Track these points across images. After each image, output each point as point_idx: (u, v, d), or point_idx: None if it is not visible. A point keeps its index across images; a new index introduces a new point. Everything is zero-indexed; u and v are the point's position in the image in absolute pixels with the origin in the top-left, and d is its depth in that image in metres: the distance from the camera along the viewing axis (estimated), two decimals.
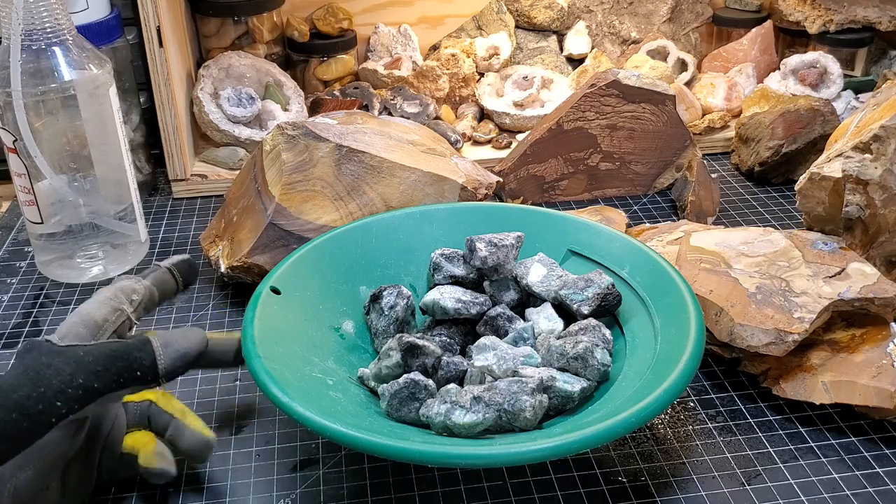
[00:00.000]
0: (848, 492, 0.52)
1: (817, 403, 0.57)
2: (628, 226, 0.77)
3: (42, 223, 0.74)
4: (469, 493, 0.52)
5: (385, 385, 0.51)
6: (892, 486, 0.52)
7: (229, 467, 0.54)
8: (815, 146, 0.89)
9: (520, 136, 0.97)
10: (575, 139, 0.86)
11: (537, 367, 0.53)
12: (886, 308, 0.59)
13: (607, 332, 0.56)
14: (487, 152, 0.96)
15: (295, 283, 0.58)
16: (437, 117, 0.98)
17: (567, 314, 0.59)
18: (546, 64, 1.08)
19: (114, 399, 0.46)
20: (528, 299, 0.62)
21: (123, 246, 0.78)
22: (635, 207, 0.87)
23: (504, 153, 0.94)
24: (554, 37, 1.11)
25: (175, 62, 0.88)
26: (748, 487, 0.52)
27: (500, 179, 0.82)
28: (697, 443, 0.56)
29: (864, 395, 0.55)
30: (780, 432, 0.57)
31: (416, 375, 0.51)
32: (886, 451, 0.55)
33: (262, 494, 0.52)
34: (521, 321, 0.59)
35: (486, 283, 0.62)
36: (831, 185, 0.67)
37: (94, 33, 0.79)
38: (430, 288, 0.61)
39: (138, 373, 0.46)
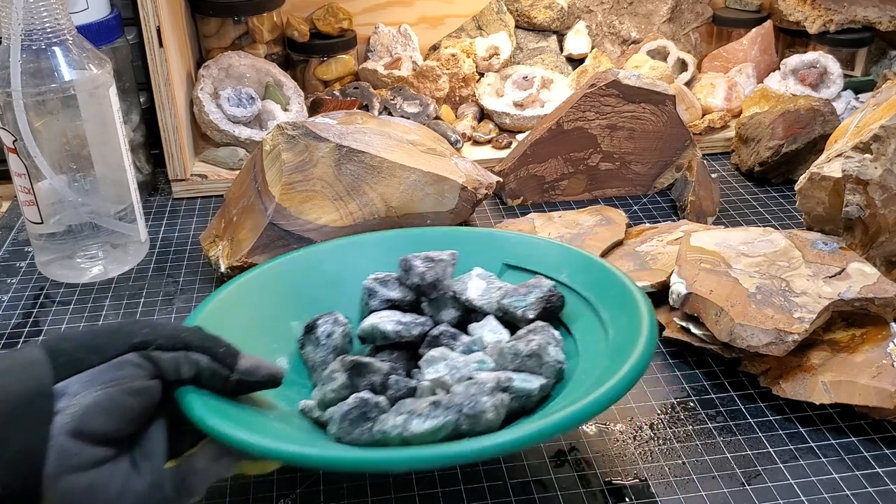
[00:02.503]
0: (848, 492, 0.52)
1: (817, 403, 0.57)
2: (628, 226, 0.77)
3: (42, 223, 0.74)
4: (469, 493, 0.52)
5: (332, 408, 0.48)
6: (892, 486, 0.52)
7: None
8: (815, 146, 0.89)
9: (520, 136, 0.97)
10: (575, 139, 0.86)
11: (492, 370, 0.51)
12: (886, 308, 0.59)
13: (556, 332, 0.54)
14: (487, 152, 0.96)
15: (220, 323, 0.54)
16: (437, 117, 0.98)
17: (511, 326, 0.57)
18: (546, 64, 1.08)
19: (185, 367, 0.44)
20: (469, 315, 0.59)
21: (123, 246, 0.78)
22: (635, 207, 0.87)
23: (504, 153, 0.94)
24: (554, 37, 1.11)
25: (175, 62, 0.88)
26: (748, 487, 0.52)
27: (500, 179, 0.82)
28: (697, 443, 0.56)
29: (864, 395, 0.55)
30: (780, 432, 0.57)
31: (366, 394, 0.48)
32: (886, 451, 0.55)
33: (262, 494, 0.52)
34: (466, 337, 0.57)
35: (424, 304, 0.60)
36: (831, 185, 0.67)
37: (94, 33, 0.79)
38: (366, 316, 0.59)
39: (221, 349, 0.45)
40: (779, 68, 1.05)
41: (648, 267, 0.69)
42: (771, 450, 0.55)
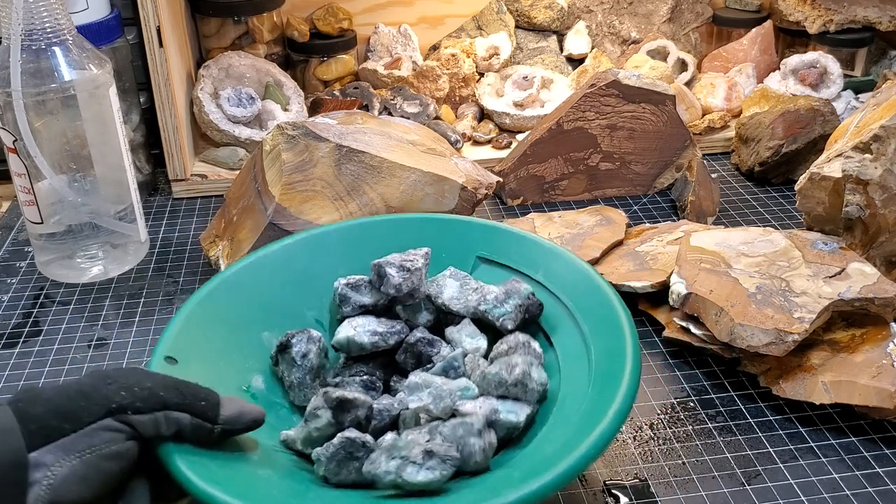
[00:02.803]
0: (848, 492, 0.52)
1: (817, 403, 0.57)
2: (628, 226, 0.77)
3: (42, 223, 0.74)
4: None
5: (319, 449, 0.47)
6: (892, 486, 0.52)
7: None
8: (815, 146, 0.89)
9: (520, 136, 0.97)
10: (575, 139, 0.86)
11: (475, 398, 0.50)
12: (886, 308, 0.59)
13: (537, 346, 0.53)
14: (487, 152, 0.96)
15: (190, 346, 0.52)
16: (437, 117, 0.98)
17: (488, 326, 0.56)
18: (546, 64, 1.08)
19: (165, 427, 0.43)
20: (444, 317, 0.58)
21: (123, 246, 0.78)
22: (635, 207, 0.87)
23: (504, 153, 0.94)
24: (554, 37, 1.11)
25: (175, 62, 0.88)
26: (748, 487, 0.52)
27: (500, 179, 0.82)
28: (697, 443, 0.56)
29: (864, 395, 0.55)
30: (780, 432, 0.57)
31: (352, 433, 0.47)
32: (886, 451, 0.55)
33: None
34: (443, 343, 0.56)
35: (398, 308, 0.58)
36: (831, 185, 0.67)
37: (94, 33, 0.79)
38: (339, 321, 0.57)
39: (202, 402, 0.44)
40: (779, 68, 1.05)
41: (648, 267, 0.69)
42: (771, 450, 0.55)
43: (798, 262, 0.63)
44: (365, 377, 0.54)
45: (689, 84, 1.05)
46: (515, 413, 0.49)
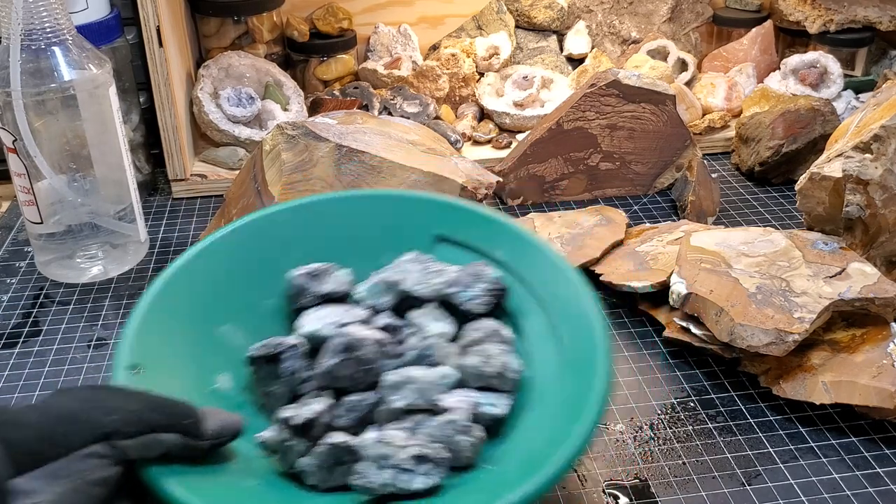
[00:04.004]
0: (848, 492, 0.52)
1: (817, 403, 0.57)
2: (628, 226, 0.77)
3: (42, 223, 0.74)
4: None
5: (303, 460, 0.47)
6: (893, 486, 0.52)
7: None
8: (816, 146, 0.89)
9: (520, 136, 0.97)
10: (575, 139, 0.86)
11: (454, 387, 0.50)
12: (887, 308, 0.59)
13: (507, 332, 0.53)
14: (487, 152, 0.96)
15: (149, 349, 0.49)
16: (437, 117, 0.98)
17: (454, 309, 0.55)
18: (546, 64, 1.08)
19: (154, 449, 0.43)
20: (407, 299, 0.56)
21: (123, 246, 0.78)
22: (635, 207, 0.87)
23: (504, 153, 0.94)
24: (554, 37, 1.11)
25: (175, 62, 0.88)
26: (748, 487, 0.52)
27: (500, 179, 0.82)
28: (697, 443, 0.56)
29: (864, 395, 0.55)
30: (781, 432, 0.57)
31: (334, 437, 0.46)
32: (886, 451, 0.55)
33: None
34: (407, 328, 0.54)
35: (359, 293, 0.56)
36: (831, 185, 0.67)
37: (94, 33, 0.79)
38: (295, 310, 0.55)
39: (187, 421, 0.43)
40: (779, 68, 1.05)
41: (648, 267, 0.69)
42: (771, 450, 0.55)
43: (798, 262, 0.63)
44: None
45: (689, 84, 1.04)
46: (497, 405, 0.49)
